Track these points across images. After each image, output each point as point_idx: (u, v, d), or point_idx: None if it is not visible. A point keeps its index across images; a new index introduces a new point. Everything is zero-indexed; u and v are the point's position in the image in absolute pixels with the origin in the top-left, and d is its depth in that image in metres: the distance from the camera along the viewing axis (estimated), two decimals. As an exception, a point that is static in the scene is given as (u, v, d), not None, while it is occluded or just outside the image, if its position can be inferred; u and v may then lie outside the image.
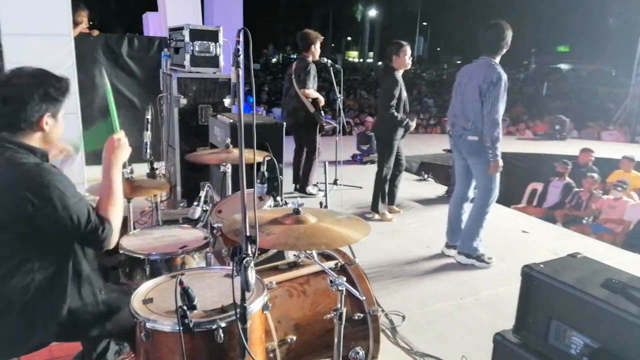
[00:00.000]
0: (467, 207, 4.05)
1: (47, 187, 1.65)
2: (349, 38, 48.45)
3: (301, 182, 5.63)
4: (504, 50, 3.71)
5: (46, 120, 1.77)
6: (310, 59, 5.36)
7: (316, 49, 5.36)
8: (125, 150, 1.93)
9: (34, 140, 1.77)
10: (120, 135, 1.95)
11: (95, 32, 5.85)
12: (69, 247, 1.80)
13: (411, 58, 4.74)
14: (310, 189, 5.59)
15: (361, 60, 47.15)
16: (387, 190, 4.94)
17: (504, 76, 3.61)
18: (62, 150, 2.29)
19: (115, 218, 1.80)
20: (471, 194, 4.06)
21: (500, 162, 3.69)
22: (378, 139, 5.00)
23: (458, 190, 4.13)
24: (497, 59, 3.70)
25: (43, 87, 1.74)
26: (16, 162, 1.69)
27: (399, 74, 4.67)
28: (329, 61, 5.23)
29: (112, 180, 1.86)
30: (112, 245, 1.78)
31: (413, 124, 4.80)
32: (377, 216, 4.94)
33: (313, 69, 5.33)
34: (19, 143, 1.74)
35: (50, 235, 1.71)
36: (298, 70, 5.33)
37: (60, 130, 1.85)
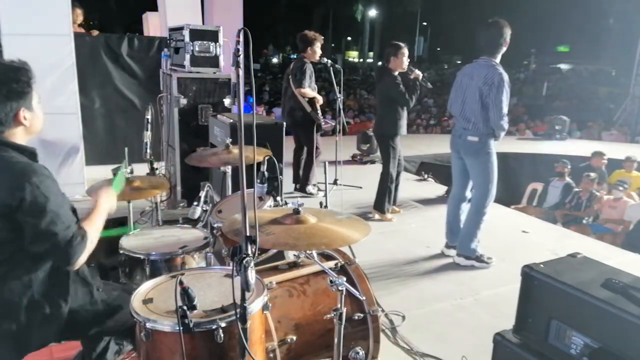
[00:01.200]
0: (465, 207, 4.05)
1: (33, 187, 1.63)
2: (349, 38, 48.41)
3: (301, 181, 5.63)
4: (504, 49, 3.70)
5: (23, 115, 1.74)
6: (308, 59, 5.36)
7: (314, 50, 5.35)
8: (112, 205, 2.05)
9: (18, 136, 1.76)
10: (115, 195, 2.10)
11: (95, 32, 5.85)
12: None
13: (408, 60, 4.73)
14: (310, 188, 5.59)
15: (361, 60, 47.13)
16: (393, 189, 4.94)
17: (506, 76, 3.60)
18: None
19: (92, 237, 1.77)
20: (469, 194, 4.05)
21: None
22: (380, 139, 4.99)
23: (455, 190, 4.12)
24: (498, 59, 3.69)
25: (5, 86, 1.70)
26: (6, 160, 1.68)
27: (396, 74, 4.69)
28: (329, 61, 5.23)
29: (102, 214, 1.93)
30: (78, 265, 1.72)
31: (417, 72, 4.67)
32: (377, 216, 4.94)
33: (309, 69, 5.33)
34: (5, 142, 1.73)
35: (27, 238, 1.67)
36: (295, 70, 5.35)
37: (40, 118, 1.83)
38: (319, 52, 5.40)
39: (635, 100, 15.64)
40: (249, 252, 1.44)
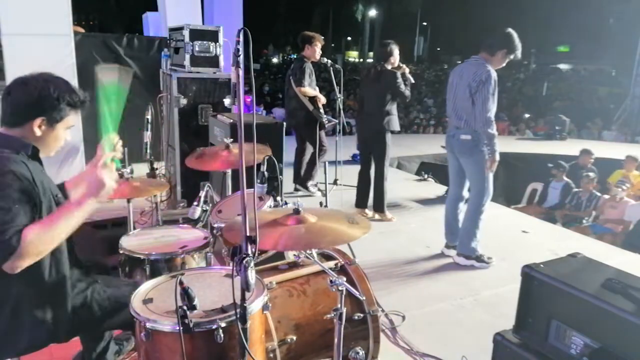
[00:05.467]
0: (463, 207, 4.05)
1: None
2: (349, 38, 48.40)
3: (303, 175, 5.62)
4: (502, 55, 3.69)
5: (39, 124, 1.71)
6: (308, 58, 5.37)
7: (313, 49, 5.36)
8: (107, 191, 1.72)
9: (30, 140, 1.73)
10: (111, 171, 1.76)
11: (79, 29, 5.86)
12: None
13: (397, 55, 4.73)
14: (311, 184, 5.60)
15: (361, 60, 47.09)
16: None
17: (494, 74, 3.62)
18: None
19: (37, 245, 1.55)
20: (466, 193, 4.06)
21: (497, 158, 3.69)
22: (374, 136, 4.82)
23: (453, 190, 4.13)
24: (493, 63, 3.70)
25: (47, 91, 1.70)
26: None
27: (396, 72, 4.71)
28: (329, 61, 5.23)
29: (74, 216, 1.65)
30: (9, 269, 1.53)
31: (406, 69, 4.74)
32: (377, 216, 4.94)
33: (309, 68, 5.34)
34: (3, 135, 1.71)
35: None
36: (295, 70, 5.37)
37: (58, 141, 1.80)
38: (319, 51, 5.40)
39: (635, 100, 15.66)
40: (249, 252, 1.44)
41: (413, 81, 4.81)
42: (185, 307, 1.53)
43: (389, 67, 4.67)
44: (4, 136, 1.72)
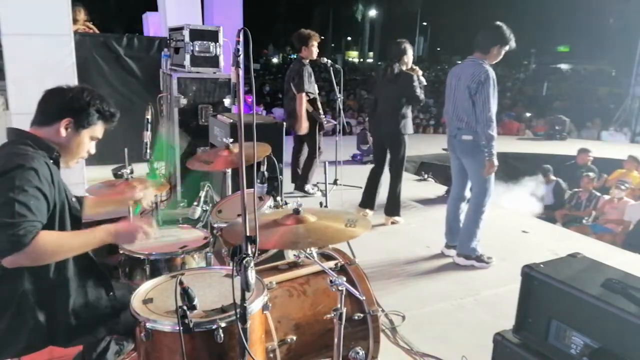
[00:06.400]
0: (465, 207, 4.05)
1: (7, 168, 1.59)
2: (349, 38, 48.47)
3: (300, 180, 5.62)
4: (497, 50, 3.68)
5: (66, 125, 1.78)
6: (305, 59, 5.34)
7: (310, 48, 5.32)
8: (133, 240, 1.80)
9: (55, 142, 1.78)
10: (153, 229, 1.85)
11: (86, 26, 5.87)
12: None
13: (411, 55, 4.72)
14: (308, 187, 5.60)
15: (361, 60, 47.13)
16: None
17: (492, 74, 3.62)
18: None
19: (46, 251, 1.57)
20: (468, 193, 4.05)
21: (495, 162, 3.67)
22: (394, 137, 4.70)
23: (454, 190, 4.12)
24: (489, 59, 3.70)
25: (79, 94, 1.78)
26: (9, 151, 1.68)
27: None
28: (329, 61, 5.21)
29: (92, 242, 1.72)
30: (12, 264, 1.54)
31: (419, 71, 4.72)
32: (390, 221, 4.86)
33: (307, 70, 5.29)
34: (29, 135, 1.74)
35: None
36: (292, 74, 5.33)
37: (79, 147, 1.85)
38: (315, 50, 5.36)
39: (635, 100, 15.65)
40: (249, 252, 1.44)
41: (425, 83, 4.77)
42: (185, 307, 1.53)
43: (404, 67, 4.63)
44: (31, 136, 1.76)
